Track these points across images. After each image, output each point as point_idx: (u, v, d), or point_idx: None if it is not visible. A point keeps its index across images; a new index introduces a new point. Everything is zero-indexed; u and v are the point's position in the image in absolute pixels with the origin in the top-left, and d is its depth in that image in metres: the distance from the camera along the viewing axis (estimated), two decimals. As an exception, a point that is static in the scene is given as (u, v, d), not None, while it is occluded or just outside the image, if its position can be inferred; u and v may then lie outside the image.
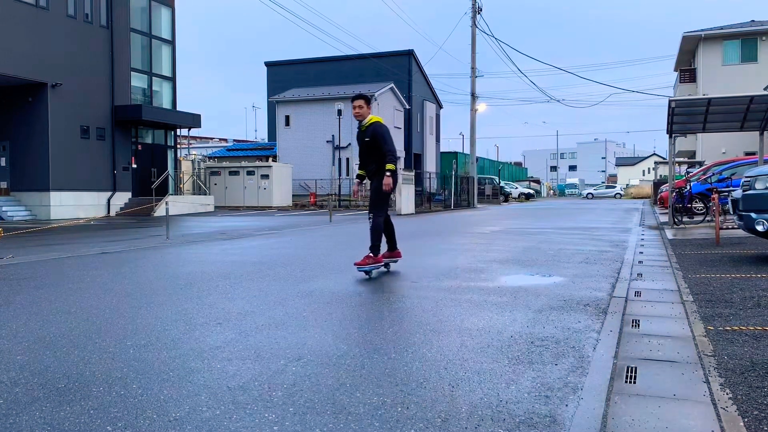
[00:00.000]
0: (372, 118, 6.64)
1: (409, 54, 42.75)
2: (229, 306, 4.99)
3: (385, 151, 6.48)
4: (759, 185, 7.21)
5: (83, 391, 2.94)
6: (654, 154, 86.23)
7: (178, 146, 29.97)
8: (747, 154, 24.85)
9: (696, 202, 15.56)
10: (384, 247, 6.80)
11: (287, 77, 43.29)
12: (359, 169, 6.94)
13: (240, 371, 3.23)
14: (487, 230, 14.03)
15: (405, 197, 24.15)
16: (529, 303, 5.06)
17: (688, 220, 14.84)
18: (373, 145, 6.55)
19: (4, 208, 20.83)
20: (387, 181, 6.38)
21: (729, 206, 9.12)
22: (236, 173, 32.22)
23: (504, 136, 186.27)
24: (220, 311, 4.77)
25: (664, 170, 34.20)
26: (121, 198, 24.64)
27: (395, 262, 7.13)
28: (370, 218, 6.63)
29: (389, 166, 6.40)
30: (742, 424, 2.47)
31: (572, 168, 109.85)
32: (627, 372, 3.15)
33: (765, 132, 13.68)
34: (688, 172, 22.91)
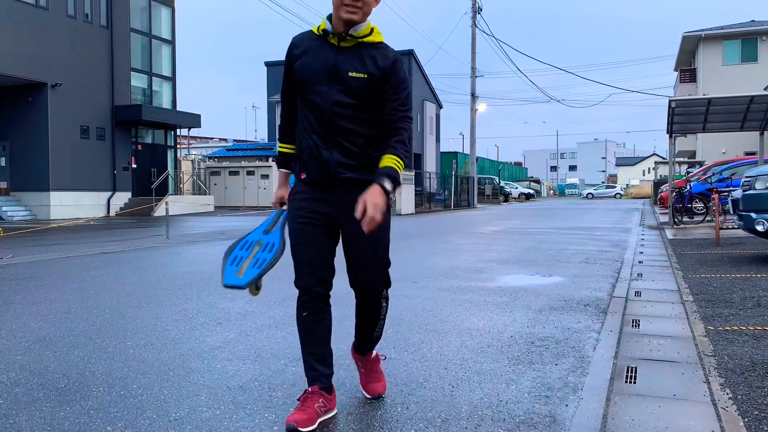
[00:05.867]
0: (377, 31, 2.61)
1: (409, 54, 42.68)
2: (229, 306, 4.99)
3: (407, 118, 2.59)
4: (759, 185, 7.21)
5: (83, 391, 2.94)
6: (654, 154, 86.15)
7: (178, 146, 29.97)
8: (747, 154, 24.84)
9: (696, 202, 15.56)
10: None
11: (287, 77, 43.17)
12: (296, 141, 2.71)
13: (240, 371, 3.23)
14: (487, 230, 14.02)
15: (405, 197, 24.15)
16: (529, 303, 5.06)
17: (688, 220, 14.83)
18: (383, 91, 2.55)
19: (4, 208, 20.82)
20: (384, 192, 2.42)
21: (729, 206, 9.13)
22: (236, 173, 32.19)
23: (504, 136, 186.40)
24: (220, 311, 4.77)
25: (664, 170, 34.17)
26: (121, 198, 24.63)
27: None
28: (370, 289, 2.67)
29: (398, 162, 2.57)
30: (742, 424, 2.47)
31: (572, 168, 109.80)
32: (627, 372, 3.15)
33: (765, 132, 13.68)
34: (688, 172, 22.90)
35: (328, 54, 2.51)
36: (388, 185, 2.41)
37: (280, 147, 2.76)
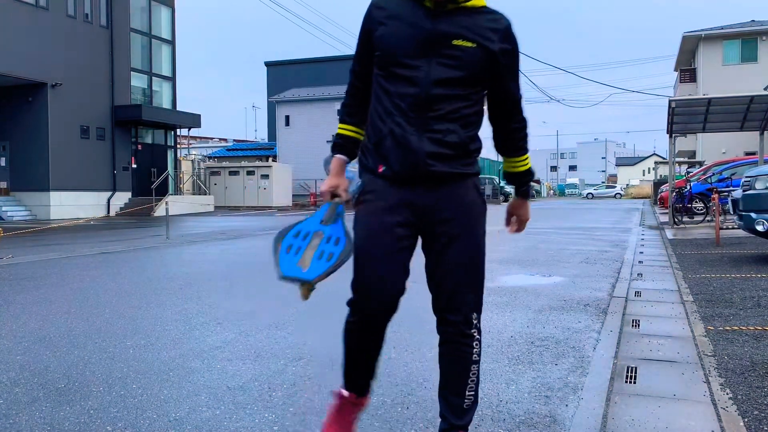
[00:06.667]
0: None
1: (409, 54, 42.66)
2: (229, 306, 4.99)
3: (521, 100, 2.21)
4: (759, 185, 7.22)
5: (83, 391, 2.94)
6: (654, 154, 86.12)
7: (178, 146, 29.97)
8: (747, 154, 24.83)
9: (696, 202, 15.55)
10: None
11: (287, 77, 43.25)
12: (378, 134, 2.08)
13: (240, 371, 3.23)
14: (487, 230, 14.03)
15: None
16: (529, 303, 5.06)
17: (688, 220, 14.84)
18: (498, 65, 2.02)
19: (4, 208, 20.82)
20: (525, 214, 2.43)
21: (729, 206, 9.13)
22: (236, 173, 32.21)
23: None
24: (220, 311, 4.77)
25: (664, 170, 34.16)
26: (121, 198, 24.63)
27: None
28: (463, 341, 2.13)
29: (528, 162, 2.39)
30: (742, 424, 2.47)
31: (572, 168, 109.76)
32: (627, 372, 3.15)
33: (765, 132, 13.69)
34: (688, 172, 22.89)
35: (423, 18, 1.96)
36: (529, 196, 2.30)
37: (341, 128, 2.20)
